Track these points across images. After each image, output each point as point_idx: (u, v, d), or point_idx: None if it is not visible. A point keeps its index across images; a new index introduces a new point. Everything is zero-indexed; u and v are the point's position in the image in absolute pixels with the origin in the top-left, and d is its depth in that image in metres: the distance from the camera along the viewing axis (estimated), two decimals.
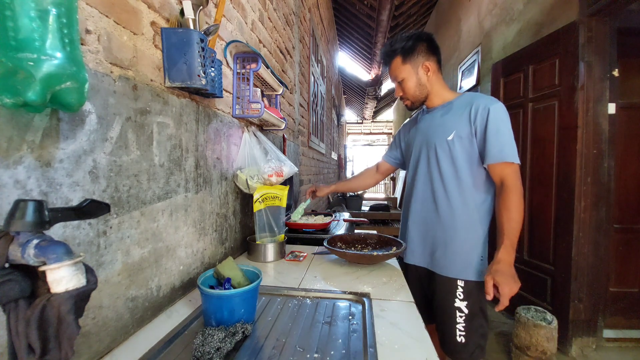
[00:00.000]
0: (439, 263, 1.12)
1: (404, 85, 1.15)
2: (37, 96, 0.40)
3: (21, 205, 0.37)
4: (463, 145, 1.06)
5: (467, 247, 1.07)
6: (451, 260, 1.09)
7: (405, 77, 1.13)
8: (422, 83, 1.13)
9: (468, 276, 1.07)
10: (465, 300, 1.07)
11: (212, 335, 0.64)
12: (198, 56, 0.80)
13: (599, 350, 1.98)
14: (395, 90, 1.20)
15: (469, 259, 1.07)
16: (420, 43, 1.11)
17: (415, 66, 1.12)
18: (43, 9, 0.40)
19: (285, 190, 1.28)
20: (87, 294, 0.40)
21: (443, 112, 1.14)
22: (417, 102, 1.17)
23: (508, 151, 1.00)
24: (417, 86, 1.14)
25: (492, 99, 1.06)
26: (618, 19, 1.90)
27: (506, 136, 1.01)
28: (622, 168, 2.09)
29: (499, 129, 1.01)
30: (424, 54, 1.11)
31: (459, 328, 1.07)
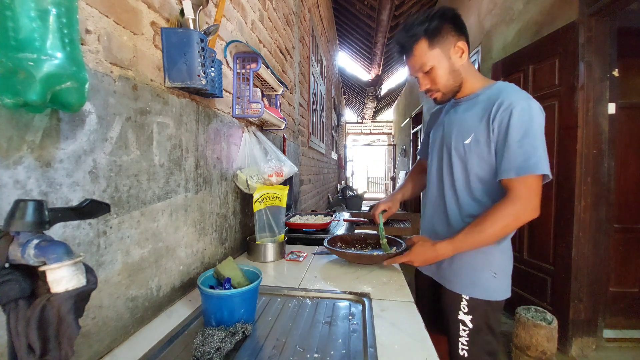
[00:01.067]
0: (445, 276, 1.03)
1: (433, 75, 0.93)
2: (37, 96, 0.40)
3: (21, 205, 0.37)
4: (480, 151, 0.90)
5: (477, 263, 0.95)
6: (457, 275, 0.99)
7: (435, 64, 0.91)
8: (456, 68, 0.93)
9: (473, 293, 0.95)
10: (469, 314, 0.96)
11: (212, 335, 0.64)
12: (198, 56, 0.80)
13: (599, 350, 1.98)
14: (420, 82, 0.98)
15: (477, 275, 0.95)
16: (446, 21, 0.90)
17: (446, 49, 0.91)
18: (43, 9, 0.40)
19: (285, 190, 1.28)
20: (87, 294, 0.40)
21: (467, 106, 0.97)
22: (450, 92, 0.97)
23: (537, 161, 0.81)
24: (450, 73, 0.93)
25: (521, 95, 0.86)
26: (618, 19, 1.90)
27: (537, 144, 0.81)
28: (622, 168, 2.09)
29: (524, 135, 0.82)
30: (454, 34, 0.90)
31: (461, 342, 0.99)
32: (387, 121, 13.67)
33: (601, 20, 1.87)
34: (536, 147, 0.81)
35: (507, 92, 0.88)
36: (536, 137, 0.82)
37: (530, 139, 0.82)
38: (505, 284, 0.95)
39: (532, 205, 0.82)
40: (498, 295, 0.94)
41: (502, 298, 0.95)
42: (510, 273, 0.97)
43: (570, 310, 1.95)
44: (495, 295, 0.94)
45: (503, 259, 0.95)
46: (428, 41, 0.91)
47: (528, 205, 0.82)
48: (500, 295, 0.94)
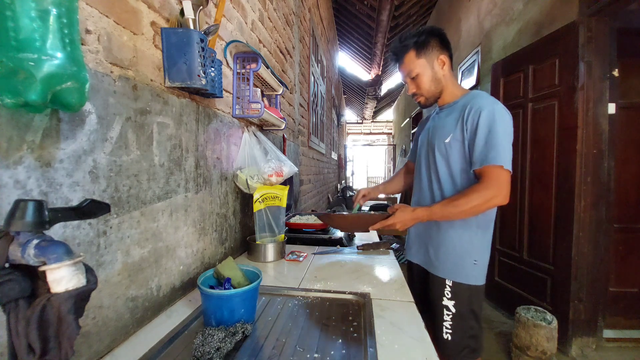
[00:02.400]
0: (431, 262, 1.13)
1: (418, 81, 1.10)
2: (38, 96, 0.40)
3: (21, 205, 0.37)
4: (459, 149, 1.04)
5: (460, 250, 1.06)
6: (442, 261, 1.09)
7: (420, 71, 1.08)
8: (438, 77, 1.10)
9: (457, 278, 1.06)
10: (452, 299, 1.06)
11: (212, 335, 0.64)
12: (198, 56, 0.80)
13: (599, 350, 1.98)
14: (408, 87, 1.15)
15: (460, 261, 1.05)
16: (433, 37, 1.08)
17: (430, 60, 1.08)
18: (43, 9, 0.40)
19: (285, 190, 1.28)
20: (87, 294, 0.40)
21: (447, 112, 1.12)
22: (432, 97, 1.13)
23: (499, 156, 0.94)
24: (432, 81, 1.10)
25: (489, 101, 1.01)
26: (618, 19, 1.90)
27: (500, 141, 0.94)
28: (622, 168, 2.09)
29: (490, 134, 0.96)
30: (438, 48, 1.08)
31: (445, 325, 1.08)
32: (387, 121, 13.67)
33: (601, 20, 1.87)
34: (497, 143, 0.95)
35: (478, 98, 1.03)
36: (498, 135, 0.95)
37: (492, 136, 0.96)
38: (483, 271, 1.08)
39: (502, 192, 0.95)
40: (478, 280, 1.06)
41: (481, 283, 1.07)
42: (487, 262, 1.09)
43: (570, 310, 1.95)
44: (475, 280, 1.05)
45: (483, 249, 1.07)
46: (416, 52, 1.08)
47: (499, 192, 0.95)
48: (479, 280, 1.06)
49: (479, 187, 0.96)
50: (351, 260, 1.28)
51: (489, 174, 0.96)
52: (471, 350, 1.07)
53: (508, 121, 0.99)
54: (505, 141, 0.96)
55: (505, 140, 0.96)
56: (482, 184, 0.96)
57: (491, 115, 0.97)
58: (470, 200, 0.95)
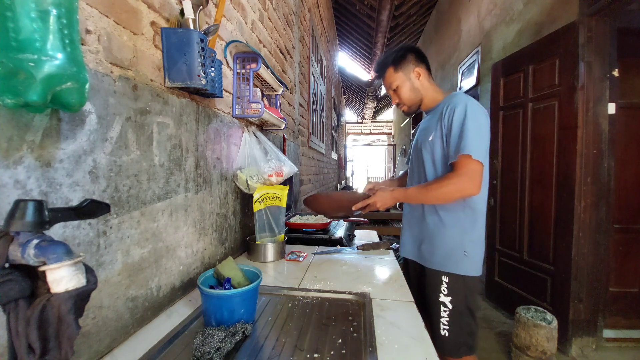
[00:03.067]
0: (425, 256, 1.17)
1: (399, 92, 1.22)
2: (38, 96, 0.40)
3: (21, 205, 0.37)
4: (441, 146, 1.11)
5: (451, 242, 1.10)
6: (434, 254, 1.13)
7: (399, 84, 1.20)
8: (415, 87, 1.20)
9: (449, 268, 1.09)
10: (449, 295, 1.10)
11: (212, 335, 0.64)
12: (198, 56, 0.80)
13: (599, 350, 1.98)
14: (392, 98, 1.27)
15: (452, 253, 1.10)
16: (409, 53, 1.20)
17: (406, 73, 1.20)
18: (43, 10, 0.40)
19: (285, 190, 1.28)
20: (87, 294, 0.40)
21: (431, 115, 1.22)
22: (414, 105, 1.23)
23: (468, 146, 1.00)
24: (410, 91, 1.20)
25: (462, 98, 1.08)
26: (618, 19, 1.90)
27: (470, 133, 1.01)
28: (622, 168, 2.09)
29: (462, 127, 1.03)
30: (414, 62, 1.20)
31: (442, 322, 1.11)
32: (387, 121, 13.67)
33: (601, 20, 1.87)
34: (468, 135, 1.01)
35: (454, 98, 1.11)
36: (469, 128, 1.02)
37: (464, 129, 1.02)
38: (475, 263, 1.10)
39: (474, 183, 1.00)
40: (469, 271, 1.09)
41: (472, 274, 1.09)
42: (481, 256, 1.12)
43: (570, 310, 1.94)
44: (465, 271, 1.08)
45: (473, 242, 1.11)
46: (394, 67, 1.20)
47: (470, 182, 1.00)
48: (471, 271, 1.09)
49: (451, 175, 1.02)
50: (351, 260, 1.28)
51: (460, 163, 1.02)
52: (468, 348, 1.10)
53: (481, 116, 1.05)
54: (477, 134, 1.01)
55: (476, 133, 1.01)
56: (454, 173, 1.02)
57: (464, 110, 1.04)
58: (441, 186, 1.02)
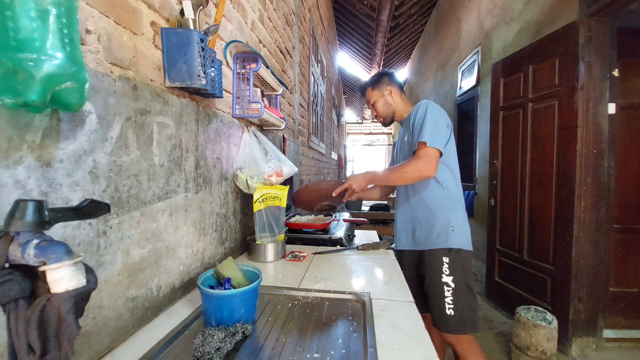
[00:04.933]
0: (420, 241, 1.30)
1: (376, 106, 1.46)
2: (37, 96, 0.40)
3: (21, 205, 0.37)
4: (410, 144, 1.31)
5: (438, 222, 1.26)
6: (428, 235, 1.28)
7: (375, 99, 1.45)
8: (388, 102, 1.44)
9: (445, 244, 1.24)
10: (451, 275, 1.22)
11: (212, 335, 0.64)
12: (198, 56, 0.80)
13: (599, 350, 1.98)
14: (371, 112, 1.52)
15: (442, 230, 1.25)
16: (383, 76, 1.46)
17: (381, 91, 1.44)
18: (43, 9, 0.40)
19: (285, 190, 1.28)
20: (87, 294, 0.40)
21: (404, 124, 1.43)
22: (388, 117, 1.46)
23: (424, 135, 1.18)
24: (384, 105, 1.44)
25: (424, 103, 1.28)
26: (618, 19, 1.90)
27: (427, 125, 1.20)
28: (622, 168, 2.09)
29: (422, 123, 1.22)
30: (387, 82, 1.45)
31: (447, 302, 1.21)
32: None
33: (601, 20, 1.87)
34: (425, 126, 1.21)
35: (418, 105, 1.32)
36: (427, 123, 1.21)
37: (423, 125, 1.22)
38: (464, 238, 1.26)
39: (429, 165, 1.17)
40: (462, 244, 1.24)
41: (466, 248, 1.25)
42: (467, 233, 1.28)
43: (570, 310, 1.94)
44: (456, 244, 1.23)
45: (456, 219, 1.27)
46: (371, 87, 1.46)
47: (426, 163, 1.17)
48: (463, 244, 1.25)
49: (411, 160, 1.22)
50: (351, 260, 1.28)
51: (418, 150, 1.20)
52: (472, 323, 1.21)
53: (437, 112, 1.24)
54: (433, 126, 1.20)
55: (432, 125, 1.20)
56: (413, 157, 1.22)
57: (424, 110, 1.25)
58: (403, 168, 1.21)
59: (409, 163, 1.20)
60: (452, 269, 1.22)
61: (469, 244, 1.27)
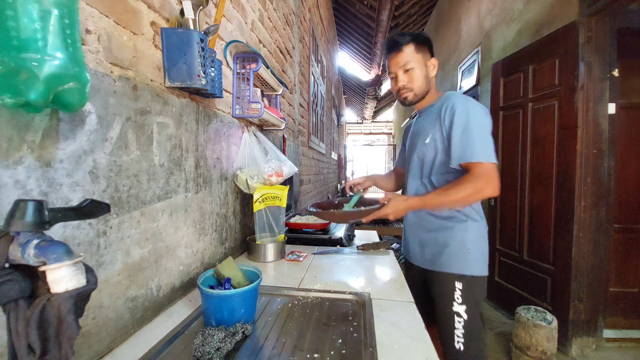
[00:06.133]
0: (432, 260, 1.12)
1: (412, 74, 1.11)
2: (40, 96, 0.40)
3: (21, 205, 0.37)
4: (438, 148, 1.09)
5: (453, 240, 1.07)
6: (439, 254, 1.10)
7: (415, 66, 1.10)
8: (429, 77, 1.14)
9: (456, 269, 1.06)
10: (464, 304, 1.05)
11: (212, 335, 0.64)
12: (198, 56, 0.80)
13: (599, 350, 1.98)
14: (398, 79, 1.14)
15: (456, 252, 1.07)
16: (428, 42, 1.15)
17: (425, 59, 1.12)
18: (45, 10, 0.40)
19: (285, 190, 1.28)
20: (87, 294, 0.40)
21: (425, 114, 1.18)
22: (420, 95, 1.14)
23: (476, 150, 0.98)
24: (424, 78, 1.12)
25: (461, 99, 1.05)
26: (618, 19, 1.90)
27: (475, 136, 0.98)
28: (622, 168, 2.09)
29: (465, 128, 1.00)
30: (429, 53, 1.15)
31: (457, 334, 1.05)
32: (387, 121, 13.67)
33: (601, 20, 1.87)
34: (474, 138, 0.99)
35: (452, 98, 1.08)
36: (473, 130, 0.99)
37: (469, 133, 1.00)
38: (480, 261, 1.07)
39: (492, 183, 0.97)
40: (474, 270, 1.06)
41: (481, 273, 1.07)
42: (485, 253, 1.09)
43: (570, 310, 1.94)
44: (470, 269, 1.05)
45: (476, 239, 1.08)
46: (415, 46, 1.11)
47: (488, 183, 0.96)
48: (478, 270, 1.06)
49: (470, 178, 0.97)
50: (351, 260, 1.28)
51: (474, 168, 0.98)
52: (482, 355, 1.06)
53: (482, 115, 1.02)
54: (482, 135, 0.99)
55: (481, 134, 0.99)
56: (471, 176, 0.98)
57: (465, 112, 1.02)
58: (461, 190, 0.97)
59: (466, 182, 0.97)
60: (466, 298, 1.05)
61: (485, 267, 1.09)
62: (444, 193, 0.99)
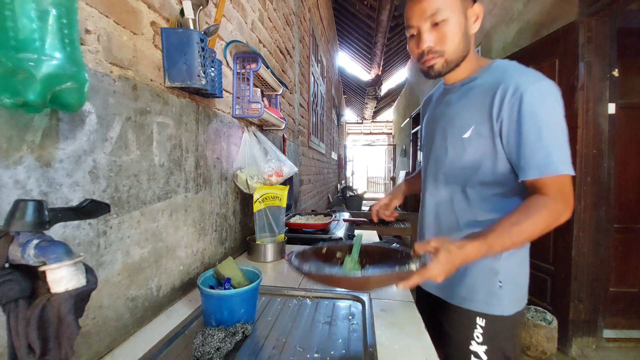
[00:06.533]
0: (450, 290, 0.84)
1: (445, 30, 0.73)
2: (37, 96, 0.40)
3: (21, 205, 0.37)
4: (485, 148, 0.75)
5: (477, 270, 0.79)
6: (458, 283, 0.81)
7: (450, 16, 0.72)
8: (469, 34, 0.76)
9: (482, 306, 0.78)
10: (484, 344, 0.78)
11: (212, 335, 0.64)
12: (198, 56, 0.80)
13: (599, 350, 1.98)
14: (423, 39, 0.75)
15: (482, 284, 0.78)
16: None
17: (465, 6, 0.74)
18: (43, 9, 0.40)
19: (285, 190, 1.28)
20: (87, 294, 0.40)
21: (461, 93, 0.81)
22: (454, 62, 0.77)
23: (554, 159, 0.67)
24: (463, 35, 0.75)
25: (530, 77, 0.71)
26: (618, 19, 1.90)
27: (554, 136, 0.68)
28: (622, 168, 2.09)
29: (541, 125, 0.67)
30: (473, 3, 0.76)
31: None
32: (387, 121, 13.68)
33: (601, 20, 1.87)
34: (557, 140, 0.68)
35: (513, 73, 0.73)
36: (555, 128, 0.68)
37: (548, 131, 0.68)
38: (516, 296, 0.79)
39: (570, 205, 0.69)
40: (507, 308, 0.77)
41: (510, 312, 0.78)
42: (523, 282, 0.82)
43: (570, 310, 1.95)
44: (503, 308, 0.77)
45: (510, 268, 0.79)
46: None
47: (567, 205, 0.68)
48: (509, 308, 0.78)
49: (547, 202, 0.67)
50: None
51: (552, 185, 0.68)
52: None
53: (559, 102, 0.72)
54: (560, 135, 0.69)
55: (559, 134, 0.69)
56: (549, 198, 0.67)
57: (539, 99, 0.69)
58: (539, 221, 0.66)
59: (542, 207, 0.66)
60: (488, 337, 0.78)
61: (523, 300, 0.82)
62: (516, 228, 0.65)
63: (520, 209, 0.68)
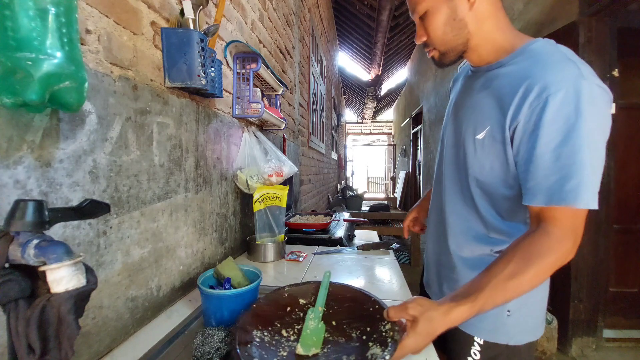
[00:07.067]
0: None
1: (426, 22, 0.68)
2: (36, 96, 0.40)
3: (21, 205, 0.37)
4: (497, 153, 0.64)
5: None
6: None
7: (429, 7, 0.66)
8: (459, 18, 0.65)
9: (487, 334, 0.70)
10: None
11: (212, 335, 0.64)
12: (198, 56, 0.80)
13: (599, 350, 1.98)
14: (417, 33, 0.72)
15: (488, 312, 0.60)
16: None
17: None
18: (42, 9, 0.40)
19: (285, 190, 1.28)
20: (87, 294, 0.40)
21: (484, 82, 0.69)
22: (450, 51, 0.70)
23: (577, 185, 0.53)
24: (447, 23, 0.66)
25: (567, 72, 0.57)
26: (618, 19, 1.90)
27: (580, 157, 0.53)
28: (622, 168, 2.09)
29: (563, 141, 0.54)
30: None
31: None
32: (387, 121, 13.68)
33: (601, 20, 1.87)
34: (579, 160, 0.52)
35: (543, 67, 0.58)
36: (582, 146, 0.52)
37: (570, 147, 0.53)
38: (525, 323, 0.69)
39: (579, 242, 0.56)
40: (515, 337, 0.68)
41: (519, 342, 0.69)
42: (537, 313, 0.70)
43: (570, 310, 1.95)
44: (508, 336, 0.68)
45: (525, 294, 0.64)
46: None
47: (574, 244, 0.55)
48: (519, 337, 0.68)
49: (554, 244, 0.54)
50: (351, 261, 1.28)
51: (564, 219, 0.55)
52: None
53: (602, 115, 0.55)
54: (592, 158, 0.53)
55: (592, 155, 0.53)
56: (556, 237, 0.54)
57: (571, 106, 0.53)
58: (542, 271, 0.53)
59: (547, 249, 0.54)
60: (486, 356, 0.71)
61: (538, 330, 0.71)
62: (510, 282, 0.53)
63: (519, 252, 0.55)
